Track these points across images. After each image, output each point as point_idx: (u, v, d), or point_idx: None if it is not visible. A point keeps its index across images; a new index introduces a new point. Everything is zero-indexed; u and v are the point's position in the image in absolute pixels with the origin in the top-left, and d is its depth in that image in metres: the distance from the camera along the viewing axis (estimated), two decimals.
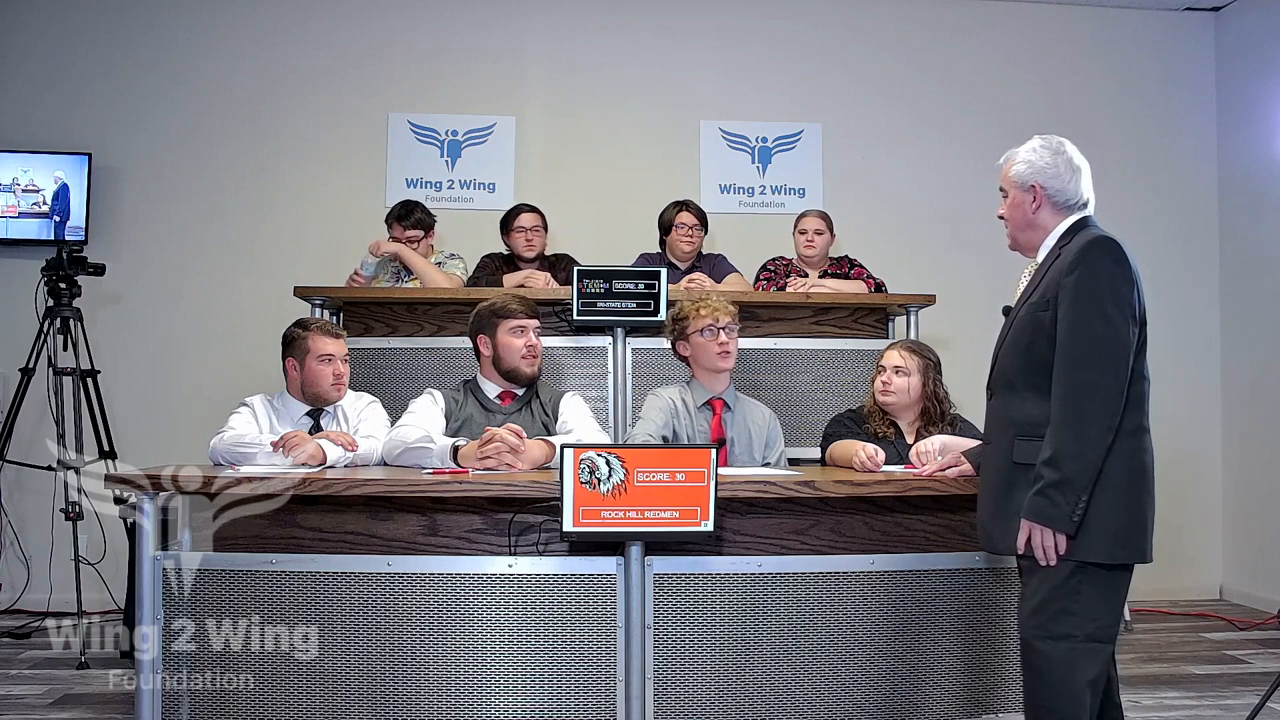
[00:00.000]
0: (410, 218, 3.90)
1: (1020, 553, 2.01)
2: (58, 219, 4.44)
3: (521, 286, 3.64)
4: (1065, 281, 1.99)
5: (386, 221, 3.95)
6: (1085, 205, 2.14)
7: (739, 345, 3.05)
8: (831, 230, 4.06)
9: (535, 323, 3.00)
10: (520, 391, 3.01)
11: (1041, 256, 2.16)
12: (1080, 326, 1.95)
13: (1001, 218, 2.22)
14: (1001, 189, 2.21)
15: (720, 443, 2.97)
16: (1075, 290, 1.97)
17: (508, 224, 4.03)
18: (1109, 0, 4.93)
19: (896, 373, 2.96)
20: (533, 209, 4.04)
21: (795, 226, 4.09)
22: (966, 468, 2.41)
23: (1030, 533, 1.97)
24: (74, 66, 4.56)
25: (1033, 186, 2.13)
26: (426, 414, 2.89)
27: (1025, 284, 2.21)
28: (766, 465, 3.01)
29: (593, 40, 4.84)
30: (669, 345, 3.12)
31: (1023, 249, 2.22)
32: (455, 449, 2.63)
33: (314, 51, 4.70)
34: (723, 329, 2.97)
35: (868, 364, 3.26)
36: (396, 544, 2.45)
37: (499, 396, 3.00)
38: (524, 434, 2.62)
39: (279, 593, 2.33)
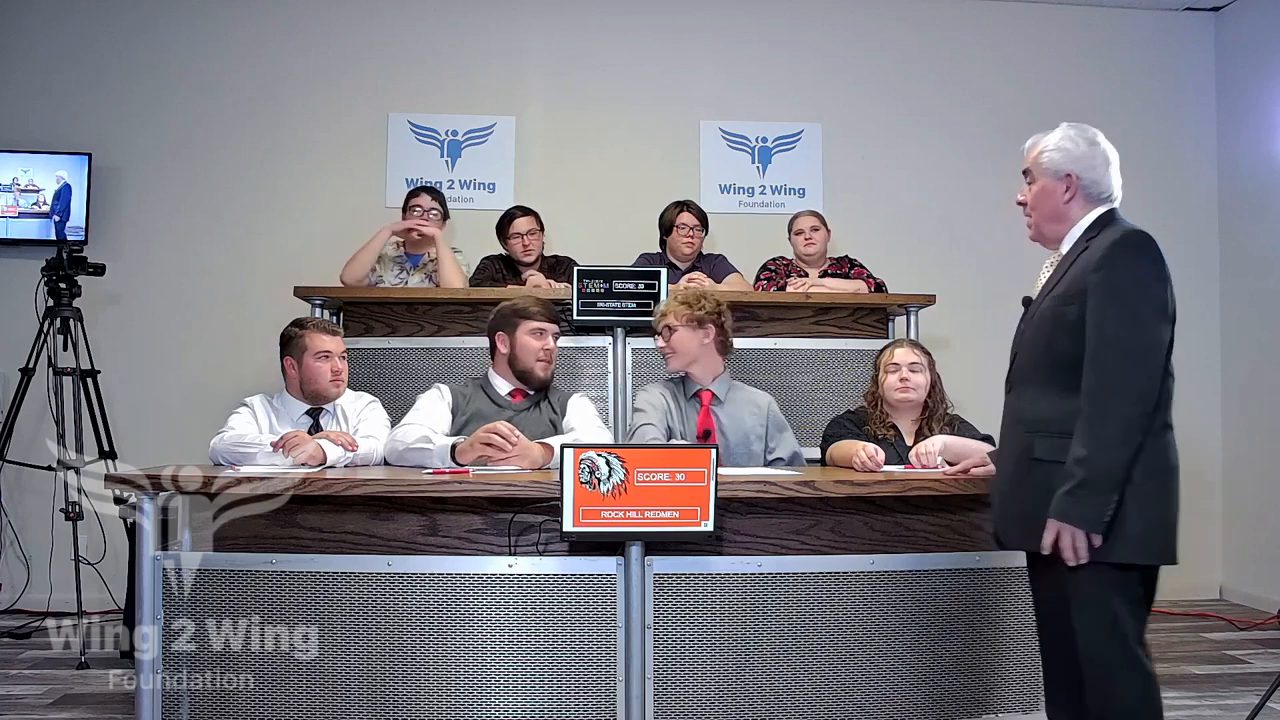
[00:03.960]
0: (439, 196, 3.96)
1: (1046, 553, 1.95)
2: (59, 219, 4.43)
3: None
4: (1094, 278, 1.93)
5: (413, 193, 3.96)
6: (1114, 198, 2.08)
7: (740, 344, 3.05)
8: (826, 226, 4.06)
9: (555, 328, 3.01)
10: (532, 391, 3.02)
11: (1066, 248, 2.08)
12: (1111, 325, 1.90)
13: (1021, 203, 2.14)
14: (1027, 173, 2.12)
15: (705, 435, 2.96)
16: (1106, 287, 1.92)
17: (503, 229, 4.02)
18: (1109, 0, 4.93)
19: (913, 369, 2.96)
20: (527, 212, 4.02)
21: (790, 229, 4.09)
22: (991, 468, 2.38)
23: (1058, 533, 1.92)
24: (74, 66, 4.56)
25: (1068, 175, 2.06)
26: (432, 410, 2.89)
27: (1047, 276, 2.13)
28: (778, 459, 3.00)
29: (593, 40, 4.84)
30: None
31: (1045, 240, 2.14)
32: (453, 448, 2.63)
33: (314, 51, 4.70)
34: (659, 333, 3.01)
35: (868, 364, 3.26)
36: (396, 544, 2.45)
37: (510, 394, 3.00)
38: (517, 432, 2.62)
39: (279, 593, 2.33)
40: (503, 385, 3.02)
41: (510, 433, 2.59)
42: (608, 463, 2.19)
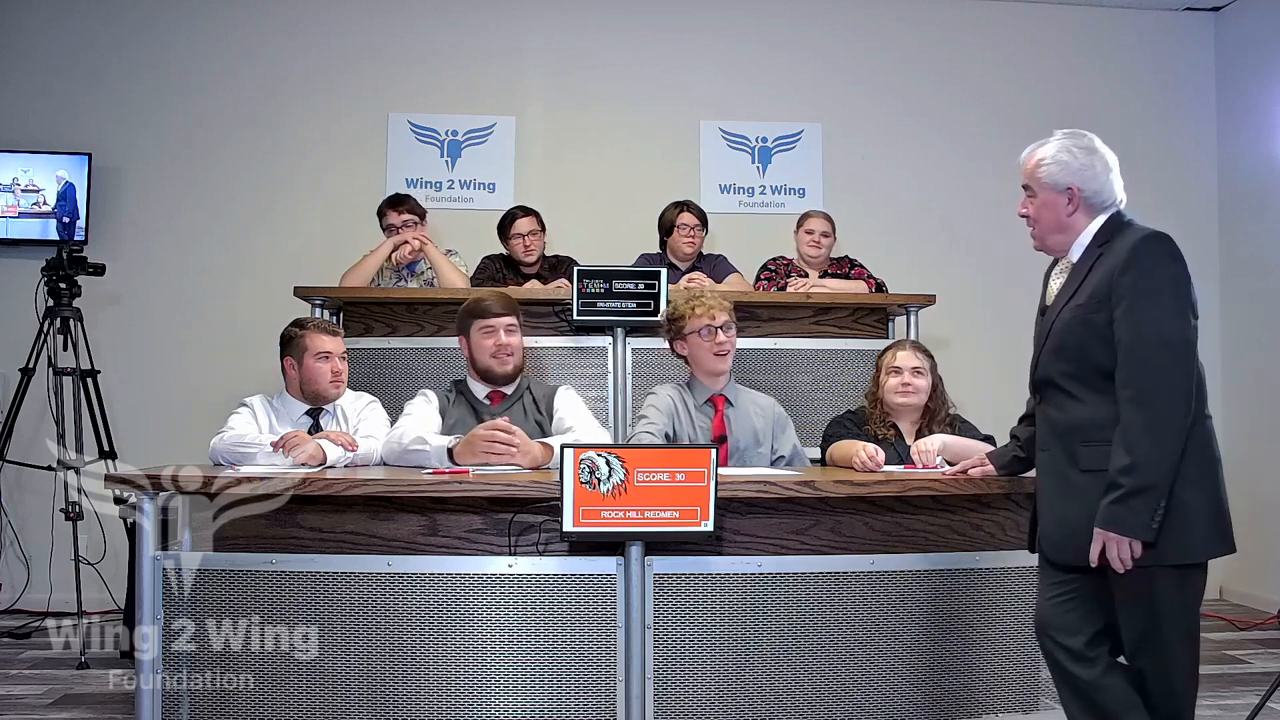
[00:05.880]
0: (405, 203, 3.92)
1: (1094, 565, 1.92)
2: (66, 220, 4.43)
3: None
4: (1122, 281, 1.93)
5: (380, 211, 3.94)
6: (1117, 202, 2.07)
7: (739, 345, 3.04)
8: (835, 234, 4.07)
9: (507, 320, 2.94)
10: (509, 390, 2.99)
11: (1077, 255, 2.08)
12: (1146, 327, 1.89)
13: (1024, 215, 2.13)
14: (1027, 187, 2.11)
15: (720, 440, 2.96)
16: (1136, 290, 1.91)
17: (504, 229, 4.02)
18: (1109, 0, 4.93)
19: (916, 373, 2.95)
20: (528, 212, 4.02)
21: (800, 225, 4.08)
22: (990, 469, 2.40)
23: (1105, 543, 1.89)
24: (74, 66, 4.56)
25: (1069, 188, 2.05)
26: (422, 413, 2.88)
27: (1058, 284, 2.12)
28: (780, 458, 3.00)
29: (593, 40, 4.84)
30: (667, 345, 3.12)
31: (1050, 249, 2.14)
32: (450, 449, 2.62)
33: (314, 52, 4.70)
34: (720, 328, 2.95)
35: (868, 364, 3.26)
36: (396, 544, 2.45)
37: (487, 396, 2.98)
38: (515, 428, 2.62)
39: (279, 593, 2.33)
40: (479, 389, 2.99)
41: (510, 428, 2.59)
42: (608, 463, 2.19)
